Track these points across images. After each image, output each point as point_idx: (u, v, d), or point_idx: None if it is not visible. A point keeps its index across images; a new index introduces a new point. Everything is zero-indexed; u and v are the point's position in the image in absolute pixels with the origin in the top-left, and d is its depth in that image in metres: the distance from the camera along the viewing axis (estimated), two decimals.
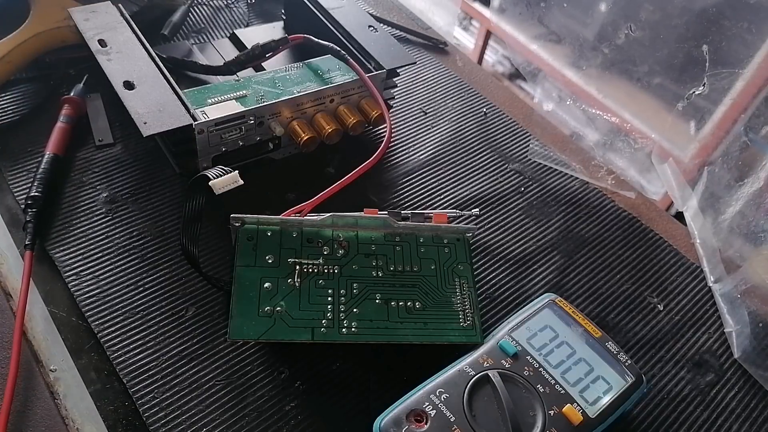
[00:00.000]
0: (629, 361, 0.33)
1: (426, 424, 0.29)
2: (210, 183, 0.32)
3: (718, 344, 0.39)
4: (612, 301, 0.40)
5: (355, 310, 0.33)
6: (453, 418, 0.29)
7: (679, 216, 0.49)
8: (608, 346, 0.33)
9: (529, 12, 0.57)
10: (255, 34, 0.52)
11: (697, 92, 0.47)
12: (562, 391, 0.31)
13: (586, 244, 0.43)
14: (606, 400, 0.31)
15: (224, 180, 0.33)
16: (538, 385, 0.31)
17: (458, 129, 0.50)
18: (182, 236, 0.33)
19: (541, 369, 0.32)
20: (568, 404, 0.30)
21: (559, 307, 0.35)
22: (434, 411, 0.29)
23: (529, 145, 0.50)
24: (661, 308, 0.40)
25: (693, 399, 0.36)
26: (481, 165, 0.47)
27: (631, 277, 0.42)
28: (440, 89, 0.54)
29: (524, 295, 0.39)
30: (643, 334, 0.38)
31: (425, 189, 0.45)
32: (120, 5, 0.43)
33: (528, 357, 0.32)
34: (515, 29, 0.62)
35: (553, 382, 0.31)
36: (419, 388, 0.30)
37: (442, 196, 0.44)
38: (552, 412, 0.30)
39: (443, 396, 0.30)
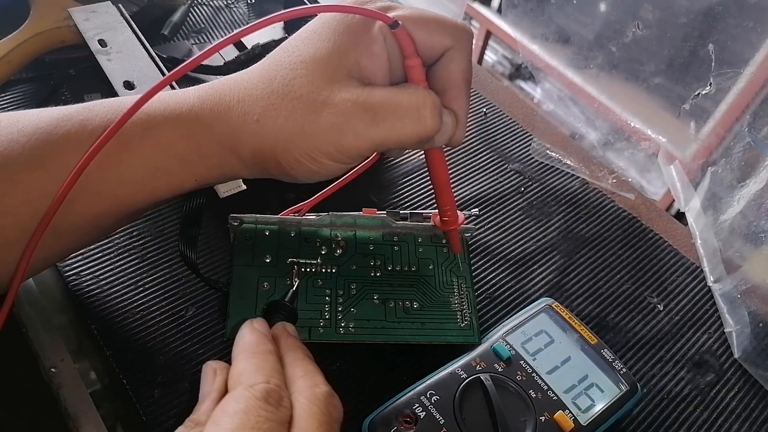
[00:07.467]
0: (624, 369, 0.33)
1: (415, 425, 0.28)
2: (214, 186, 0.33)
3: (718, 344, 0.39)
4: (612, 302, 0.40)
5: (352, 309, 0.33)
6: (442, 421, 0.29)
7: (679, 216, 0.49)
8: (604, 353, 0.33)
9: (539, 8, 0.56)
10: (255, 34, 0.52)
11: (703, 92, 0.46)
12: (555, 398, 0.31)
13: (586, 244, 0.43)
14: (599, 407, 0.31)
15: (228, 183, 0.33)
16: (530, 391, 0.31)
17: None
18: (180, 241, 0.33)
19: (534, 374, 0.31)
20: (560, 411, 0.30)
21: (555, 312, 0.35)
22: (424, 413, 0.29)
23: (529, 145, 0.50)
24: (661, 308, 0.40)
25: (693, 399, 0.36)
26: (481, 165, 0.47)
27: (631, 277, 0.41)
28: None
29: (524, 295, 0.39)
30: (643, 334, 0.38)
31: (425, 189, 0.44)
32: (120, 5, 0.43)
33: (521, 362, 0.32)
34: (519, 28, 0.62)
35: (545, 387, 0.31)
36: (410, 390, 0.30)
37: None
38: (543, 418, 0.30)
39: (434, 398, 0.30)
